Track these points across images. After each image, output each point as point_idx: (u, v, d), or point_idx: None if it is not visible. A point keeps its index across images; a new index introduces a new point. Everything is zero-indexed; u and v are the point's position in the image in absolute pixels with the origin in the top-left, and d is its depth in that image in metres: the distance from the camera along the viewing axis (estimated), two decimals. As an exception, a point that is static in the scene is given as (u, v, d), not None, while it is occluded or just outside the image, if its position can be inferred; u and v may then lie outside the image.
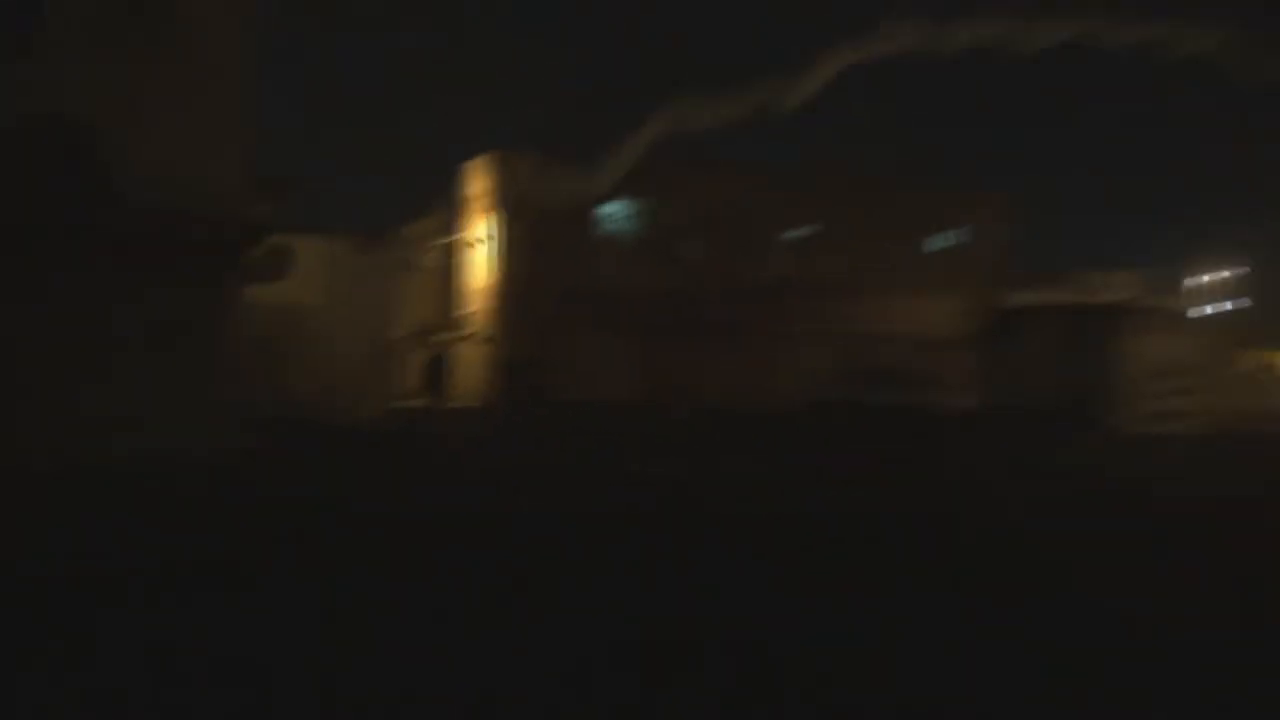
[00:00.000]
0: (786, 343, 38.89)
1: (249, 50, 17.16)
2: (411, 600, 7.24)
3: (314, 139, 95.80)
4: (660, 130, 36.96)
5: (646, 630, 6.57)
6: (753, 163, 43.72)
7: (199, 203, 15.76)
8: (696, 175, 39.85)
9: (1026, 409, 30.17)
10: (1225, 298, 52.27)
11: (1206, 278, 52.28)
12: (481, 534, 10.21)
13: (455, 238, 39.24)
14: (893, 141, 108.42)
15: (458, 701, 5.16)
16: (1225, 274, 52.05)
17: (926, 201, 44.48)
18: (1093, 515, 12.89)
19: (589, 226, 39.40)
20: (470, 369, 37.02)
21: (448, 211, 39.34)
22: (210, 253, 16.16)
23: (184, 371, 15.07)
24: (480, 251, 38.54)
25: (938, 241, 44.87)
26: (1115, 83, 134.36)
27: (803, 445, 22.61)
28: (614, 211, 39.61)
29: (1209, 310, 46.05)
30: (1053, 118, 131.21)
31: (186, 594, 7.14)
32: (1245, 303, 49.73)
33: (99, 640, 5.96)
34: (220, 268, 16.37)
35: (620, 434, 23.13)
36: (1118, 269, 46.95)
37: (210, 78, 16.65)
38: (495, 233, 38.11)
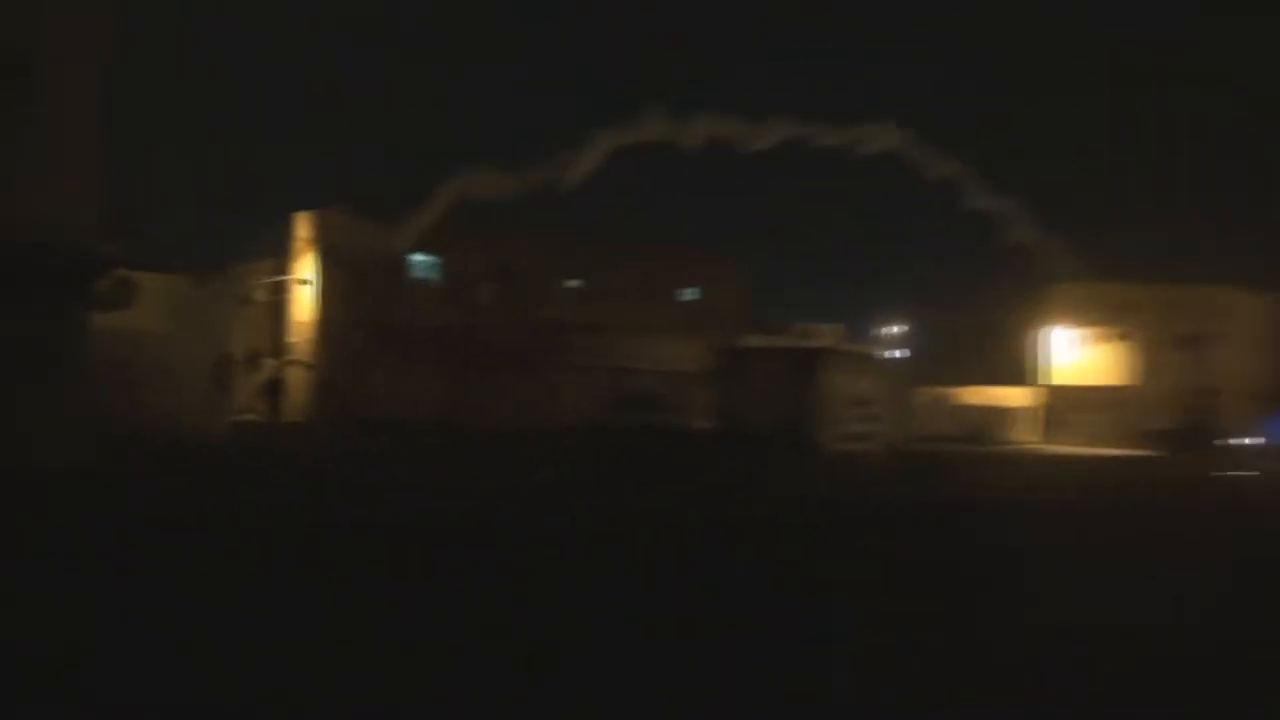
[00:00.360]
0: (563, 373, 39.71)
1: (102, 103, 16.87)
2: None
3: (161, 179, 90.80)
4: (453, 196, 37.69)
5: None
6: (539, 224, 44.74)
7: (53, 239, 15.41)
8: (486, 234, 41.14)
9: (751, 431, 30.71)
10: (903, 346, 56.93)
11: (890, 329, 56.74)
12: (286, 530, 10.70)
13: (284, 277, 38.61)
14: (653, 211, 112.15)
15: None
16: (901, 328, 56.70)
17: (676, 261, 47.07)
18: (790, 510, 14.49)
19: (397, 273, 39.99)
20: (297, 391, 36.54)
21: (278, 253, 38.74)
22: (63, 284, 15.78)
23: (40, 391, 14.65)
24: (304, 290, 38.23)
25: (685, 294, 47.47)
26: (825, 175, 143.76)
27: (574, 459, 23.03)
28: (419, 261, 40.43)
29: (893, 354, 49.69)
30: (781, 199, 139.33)
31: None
32: (920, 350, 54.29)
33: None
34: (72, 298, 15.99)
35: (417, 448, 23.15)
36: (824, 322, 50.34)
37: (66, 130, 16.31)
38: (314, 275, 38.01)
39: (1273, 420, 43.97)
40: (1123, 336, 50.87)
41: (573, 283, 44.87)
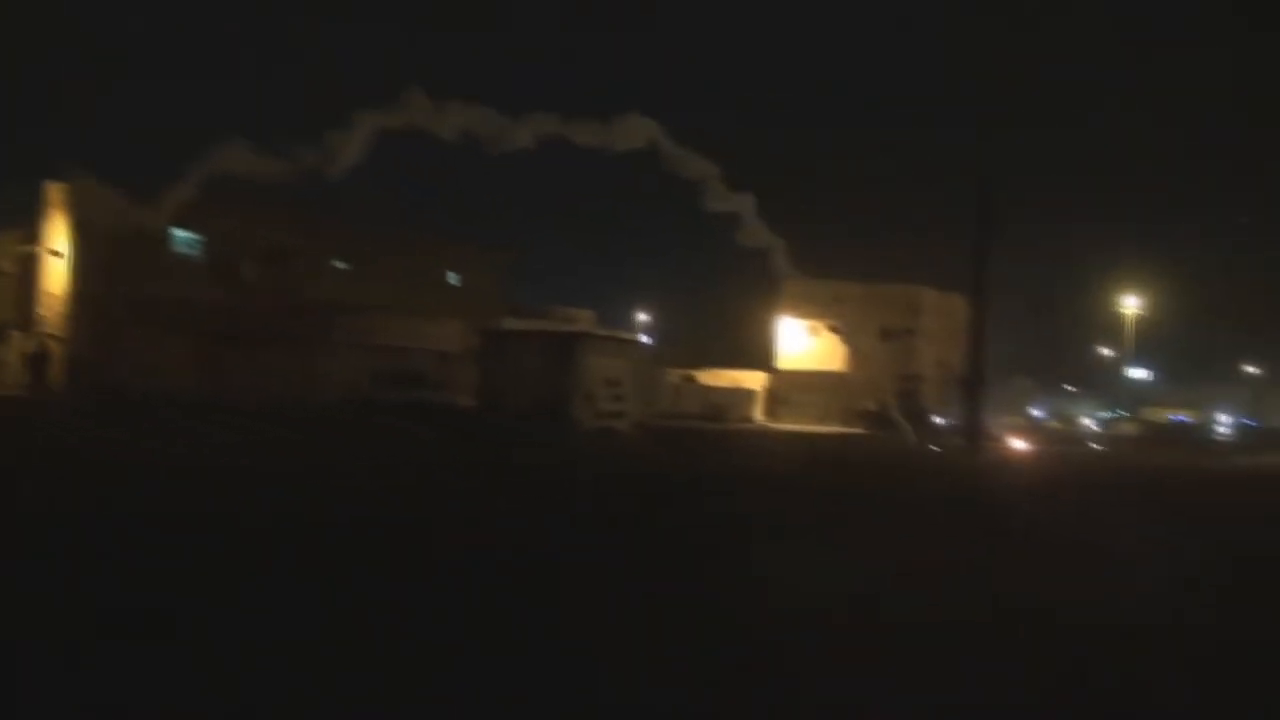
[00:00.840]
0: (328, 352, 40.53)
1: None
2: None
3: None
4: (211, 170, 37.09)
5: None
6: (306, 204, 45.20)
7: None
8: (251, 211, 41.26)
9: (512, 408, 32.13)
10: (651, 331, 61.35)
11: (640, 316, 61.04)
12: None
13: (37, 248, 37.45)
14: (418, 197, 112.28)
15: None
16: (649, 315, 61.06)
17: (444, 247, 49.32)
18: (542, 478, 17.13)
19: (157, 247, 39.62)
20: (53, 363, 35.75)
21: (32, 224, 37.46)
22: None
23: None
24: (56, 262, 37.29)
25: (451, 278, 49.73)
26: (583, 169, 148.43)
27: (337, 435, 23.71)
28: (181, 236, 40.21)
29: (642, 339, 53.60)
30: (547, 193, 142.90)
31: None
32: (667, 335, 58.73)
33: None
34: None
35: (172, 423, 22.88)
36: (581, 307, 53.65)
37: None
38: (66, 247, 37.24)
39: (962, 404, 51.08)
40: (833, 329, 57.82)
41: (339, 264, 46.07)
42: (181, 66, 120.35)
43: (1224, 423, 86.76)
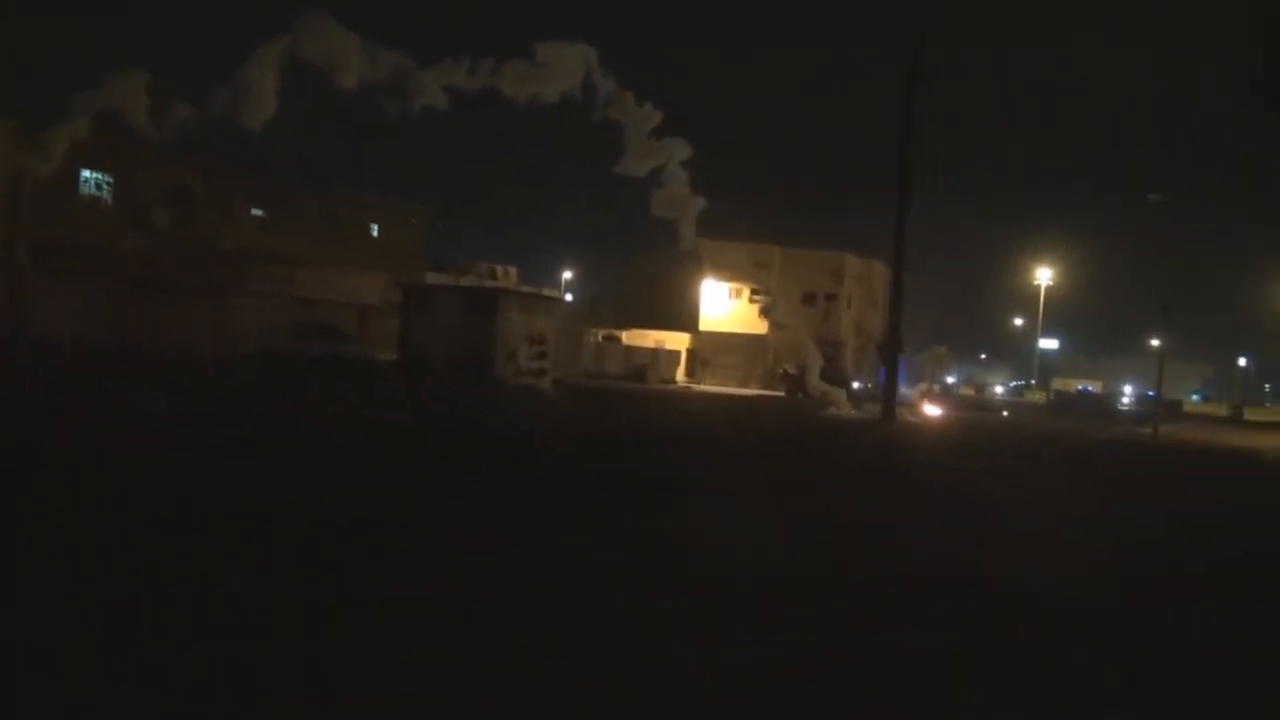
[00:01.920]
0: (245, 302, 40.24)
1: None
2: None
3: None
4: (109, 107, 35.54)
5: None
6: (219, 149, 44.29)
7: None
8: (161, 155, 40.38)
9: (434, 363, 32.08)
10: (575, 289, 61.98)
11: (564, 273, 61.58)
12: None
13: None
14: (338, 148, 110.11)
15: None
16: (573, 272, 61.57)
17: (364, 198, 49.15)
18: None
19: (66, 188, 38.72)
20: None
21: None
22: None
23: None
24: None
25: (373, 230, 49.67)
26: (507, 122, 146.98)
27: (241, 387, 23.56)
28: (87, 177, 39.29)
29: (566, 297, 54.29)
30: (470, 148, 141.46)
31: None
32: (591, 293, 59.28)
33: None
34: None
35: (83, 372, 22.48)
36: (504, 263, 54.03)
37: None
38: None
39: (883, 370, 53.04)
40: (755, 292, 59.24)
41: (255, 211, 45.69)
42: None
43: (1128, 394, 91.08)
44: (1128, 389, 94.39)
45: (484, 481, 12.21)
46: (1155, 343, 78.86)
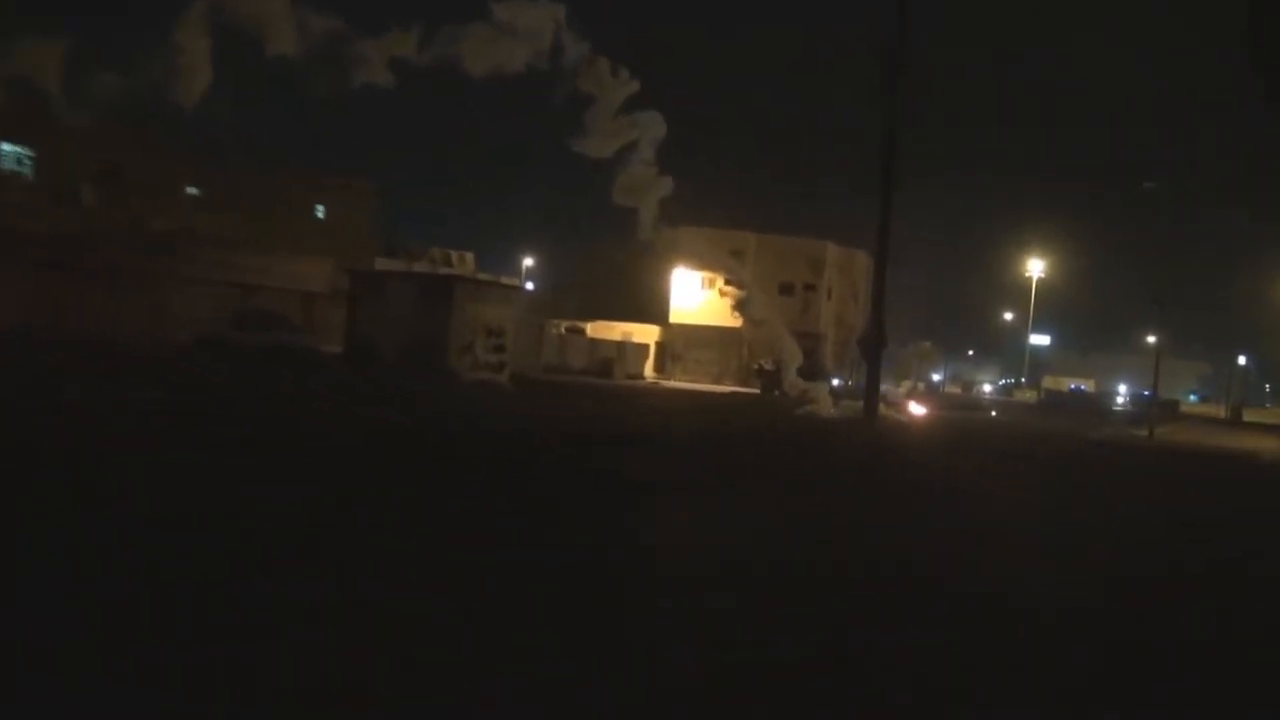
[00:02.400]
0: (181, 287, 38.61)
1: None
2: None
3: None
4: (24, 75, 33.47)
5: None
6: (152, 124, 42.22)
7: None
8: (89, 128, 38.40)
9: (384, 355, 31.22)
10: (536, 278, 60.36)
11: (524, 260, 59.89)
12: None
13: None
14: (282, 126, 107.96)
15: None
16: (534, 259, 59.95)
17: (309, 176, 47.07)
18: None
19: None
20: None
21: None
22: None
23: None
24: None
25: (319, 212, 47.62)
26: (467, 99, 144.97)
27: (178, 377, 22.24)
28: (7, 151, 37.18)
29: (525, 285, 52.77)
30: (425, 124, 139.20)
31: None
32: (553, 282, 57.68)
33: None
34: None
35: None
36: (462, 249, 52.38)
37: None
38: None
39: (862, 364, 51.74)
40: (729, 282, 57.56)
41: (192, 190, 43.57)
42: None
43: (1122, 393, 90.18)
44: (1122, 388, 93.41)
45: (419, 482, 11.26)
46: (1151, 340, 77.82)
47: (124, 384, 18.58)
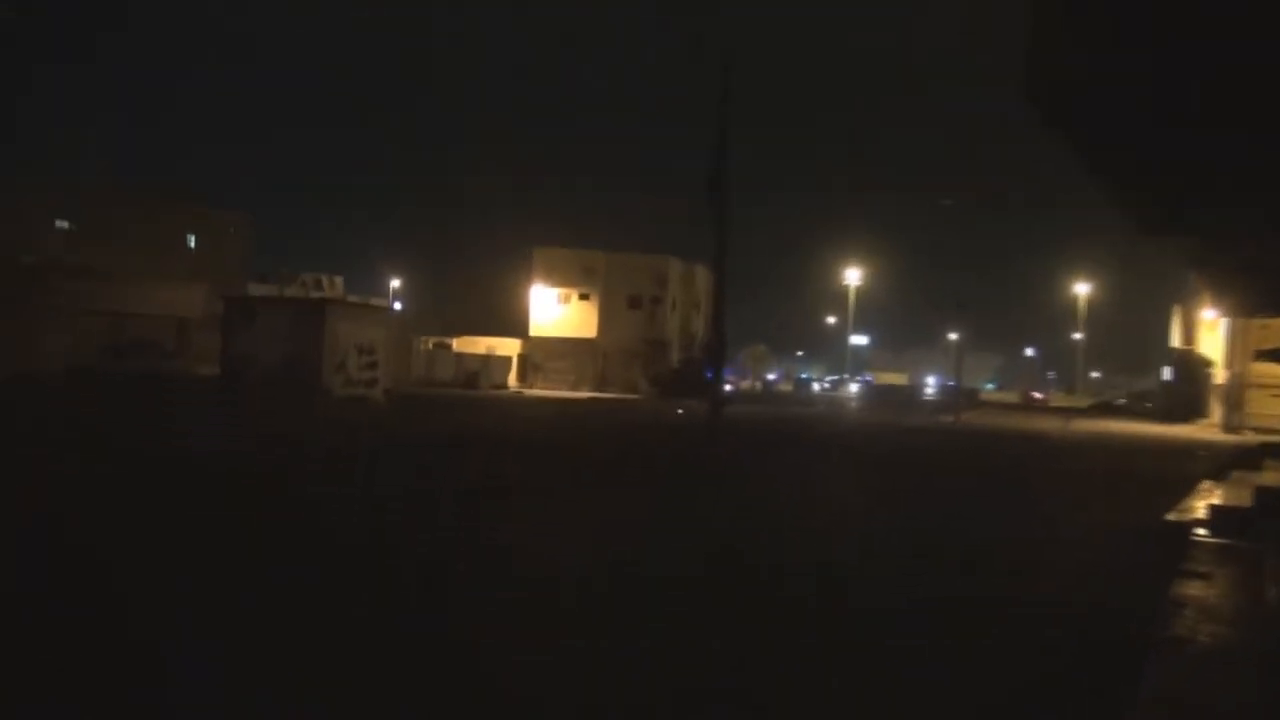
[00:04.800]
0: (50, 317, 37.50)
1: None
2: None
3: None
4: None
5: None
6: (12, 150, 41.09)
7: None
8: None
9: (259, 377, 30.51)
10: (402, 297, 60.51)
11: (391, 281, 59.95)
12: None
13: None
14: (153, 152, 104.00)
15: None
16: (400, 279, 60.08)
17: (179, 206, 46.32)
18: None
19: None
20: None
21: None
22: None
23: None
24: None
25: (189, 240, 46.87)
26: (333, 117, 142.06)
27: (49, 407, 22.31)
28: None
29: (393, 305, 52.95)
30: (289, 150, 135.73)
31: None
32: (420, 300, 57.96)
33: None
34: None
35: None
36: (331, 273, 52.23)
37: None
38: None
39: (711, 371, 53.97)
40: (583, 296, 59.29)
41: (62, 224, 42.34)
42: None
43: (931, 384, 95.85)
44: (931, 379, 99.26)
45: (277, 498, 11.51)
46: (953, 336, 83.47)
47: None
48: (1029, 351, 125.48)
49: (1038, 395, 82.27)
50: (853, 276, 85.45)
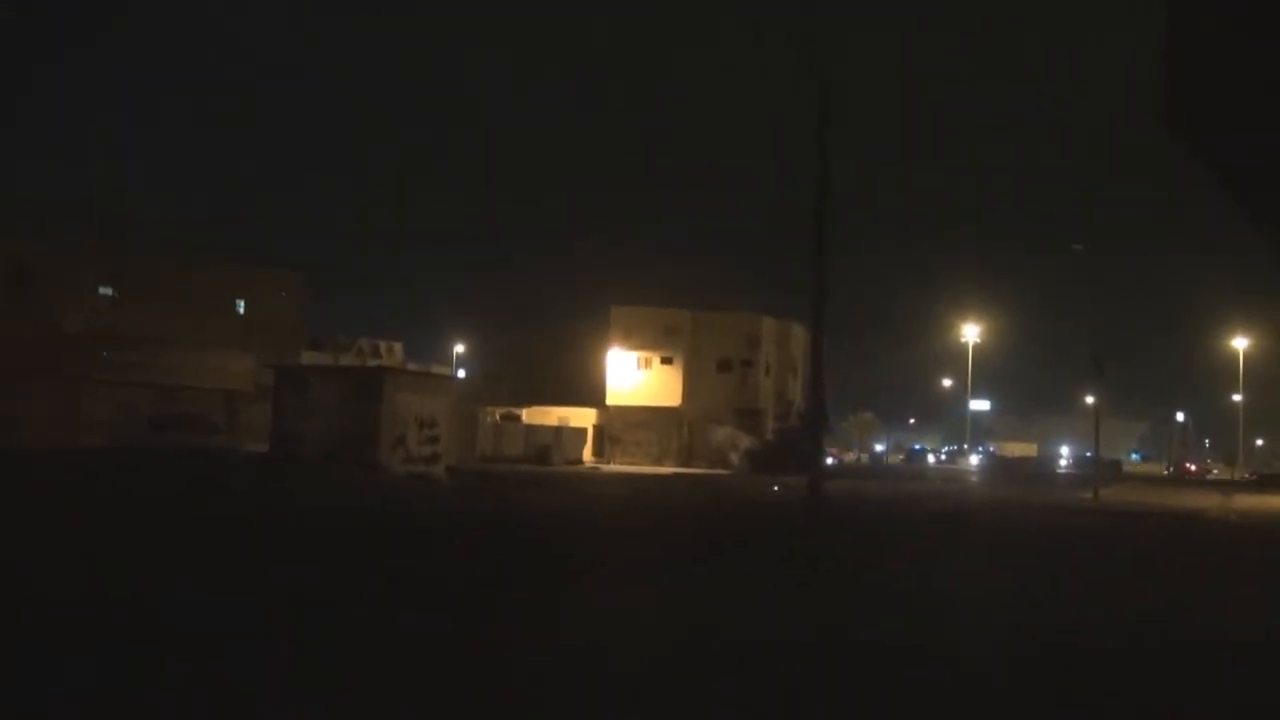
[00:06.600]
0: (94, 389, 38.39)
1: None
2: None
3: None
4: None
5: None
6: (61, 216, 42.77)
7: None
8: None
9: (312, 453, 30.73)
10: (467, 364, 60.78)
11: (460, 348, 60.35)
12: None
13: None
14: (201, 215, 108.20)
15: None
16: (464, 345, 60.30)
17: (228, 268, 47.40)
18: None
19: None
20: None
21: None
22: None
23: None
24: None
25: (239, 306, 47.92)
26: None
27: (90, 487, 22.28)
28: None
29: (457, 373, 53.14)
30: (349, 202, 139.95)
31: None
32: (485, 368, 58.16)
33: None
34: None
35: None
36: (389, 338, 52.77)
37: None
38: None
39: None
40: (666, 360, 58.72)
41: (105, 290, 43.63)
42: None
43: (1065, 455, 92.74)
44: (1065, 450, 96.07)
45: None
46: (1089, 400, 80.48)
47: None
48: (1179, 416, 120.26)
49: (1192, 467, 78.91)
50: (971, 332, 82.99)
